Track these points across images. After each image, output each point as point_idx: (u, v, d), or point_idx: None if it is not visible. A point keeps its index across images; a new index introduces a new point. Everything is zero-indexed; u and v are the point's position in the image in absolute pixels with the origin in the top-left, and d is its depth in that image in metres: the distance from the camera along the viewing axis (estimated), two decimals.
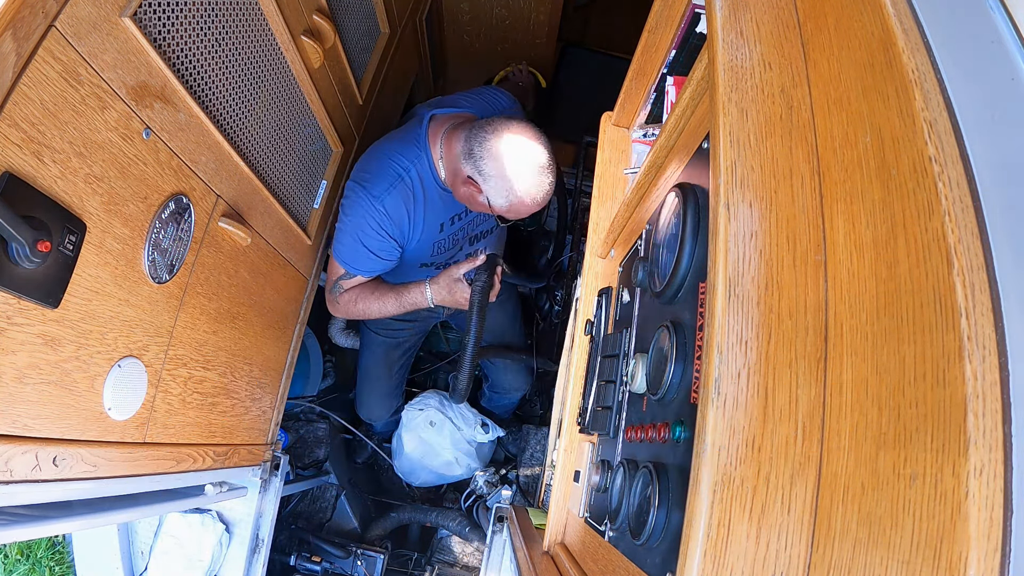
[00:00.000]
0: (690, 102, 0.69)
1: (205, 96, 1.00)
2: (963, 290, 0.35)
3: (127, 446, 0.95)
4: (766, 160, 0.53)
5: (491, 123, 1.33)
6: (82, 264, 0.79)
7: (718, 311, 0.47)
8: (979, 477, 0.32)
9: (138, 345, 0.95)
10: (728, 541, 0.43)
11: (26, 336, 0.72)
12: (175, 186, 0.96)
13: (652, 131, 1.19)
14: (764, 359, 0.46)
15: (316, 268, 1.65)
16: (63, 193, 0.74)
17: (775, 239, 0.50)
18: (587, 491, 0.91)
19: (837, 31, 0.54)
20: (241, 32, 1.07)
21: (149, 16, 0.84)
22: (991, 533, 0.31)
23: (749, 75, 0.57)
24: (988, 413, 0.32)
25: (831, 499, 0.43)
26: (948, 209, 0.37)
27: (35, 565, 2.21)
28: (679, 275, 0.66)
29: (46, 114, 0.69)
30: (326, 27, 1.33)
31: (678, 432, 0.59)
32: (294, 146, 1.38)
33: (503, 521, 1.51)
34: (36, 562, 2.21)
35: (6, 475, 0.72)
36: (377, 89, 1.82)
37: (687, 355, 0.62)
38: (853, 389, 0.43)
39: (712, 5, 0.62)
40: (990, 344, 0.34)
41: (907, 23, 0.45)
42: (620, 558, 0.71)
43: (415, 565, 2.08)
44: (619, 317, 0.95)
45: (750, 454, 0.44)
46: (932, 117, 0.40)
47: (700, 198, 0.66)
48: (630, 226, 0.98)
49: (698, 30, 0.88)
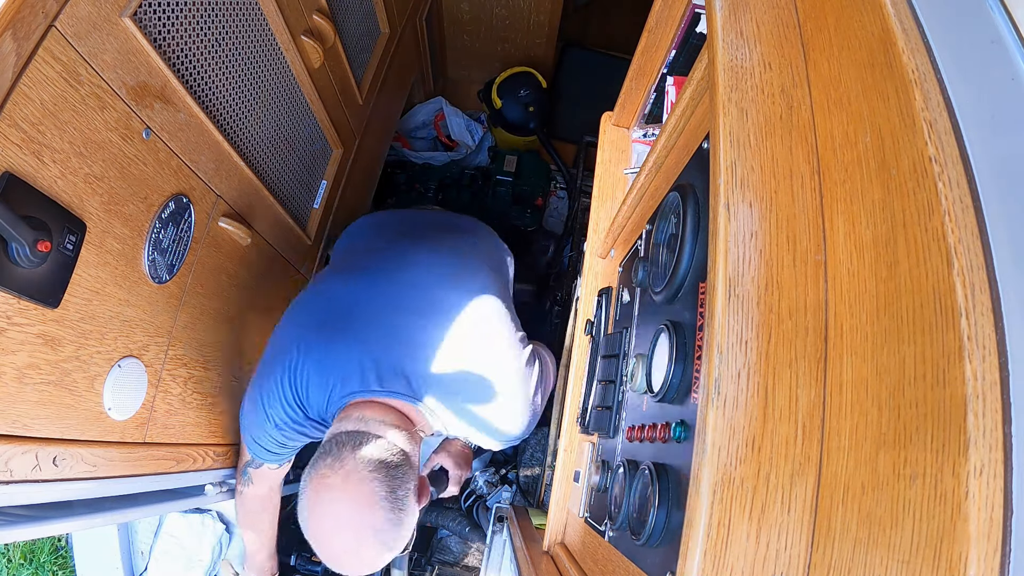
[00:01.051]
0: (690, 102, 0.69)
1: (205, 96, 1.00)
2: (963, 290, 0.35)
3: (127, 446, 0.95)
4: (766, 160, 0.53)
5: (311, 480, 0.96)
6: (82, 264, 0.79)
7: (718, 311, 0.47)
8: (979, 477, 0.32)
9: (138, 345, 0.95)
10: (728, 541, 0.43)
11: (26, 336, 0.72)
12: (175, 186, 0.96)
13: (652, 131, 1.19)
14: (764, 359, 0.46)
15: (316, 268, 1.65)
16: (63, 193, 0.74)
17: (775, 239, 0.50)
18: (587, 491, 0.91)
19: (837, 31, 0.54)
20: (241, 32, 1.07)
21: (149, 16, 0.84)
22: (991, 533, 0.31)
23: (749, 75, 0.57)
24: (988, 413, 0.32)
25: (831, 499, 0.43)
26: (948, 209, 0.37)
27: (38, 569, 2.20)
28: (679, 275, 0.66)
29: (46, 114, 0.69)
30: (326, 27, 1.33)
31: (678, 432, 0.59)
32: (294, 146, 1.38)
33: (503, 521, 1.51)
34: (40, 566, 2.20)
35: (6, 475, 0.72)
36: (377, 89, 1.82)
37: (687, 355, 0.62)
38: (853, 389, 0.43)
39: (712, 5, 0.62)
40: (990, 344, 0.34)
41: (907, 23, 0.45)
42: (620, 558, 0.71)
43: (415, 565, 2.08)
44: (619, 317, 0.95)
45: (750, 454, 0.44)
46: (932, 117, 0.40)
47: (700, 198, 0.66)
48: (630, 226, 0.98)
49: (698, 30, 0.88)
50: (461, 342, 1.12)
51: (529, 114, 2.48)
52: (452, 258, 1.27)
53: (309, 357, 1.10)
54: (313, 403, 1.11)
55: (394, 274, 1.21)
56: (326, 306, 1.18)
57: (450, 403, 1.10)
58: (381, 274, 1.21)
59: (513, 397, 1.14)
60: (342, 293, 1.19)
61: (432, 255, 1.26)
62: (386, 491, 0.93)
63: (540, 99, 2.49)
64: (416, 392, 1.08)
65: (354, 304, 1.16)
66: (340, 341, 1.10)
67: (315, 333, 1.13)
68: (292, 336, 1.14)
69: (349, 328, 1.12)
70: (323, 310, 1.18)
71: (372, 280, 1.20)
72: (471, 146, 2.48)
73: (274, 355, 1.14)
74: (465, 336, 1.13)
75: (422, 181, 2.32)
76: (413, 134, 2.54)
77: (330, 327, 1.13)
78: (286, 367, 1.11)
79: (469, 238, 1.43)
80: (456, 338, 1.12)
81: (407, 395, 1.07)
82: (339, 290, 1.21)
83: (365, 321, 1.13)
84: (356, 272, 1.24)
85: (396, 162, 2.45)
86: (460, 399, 1.11)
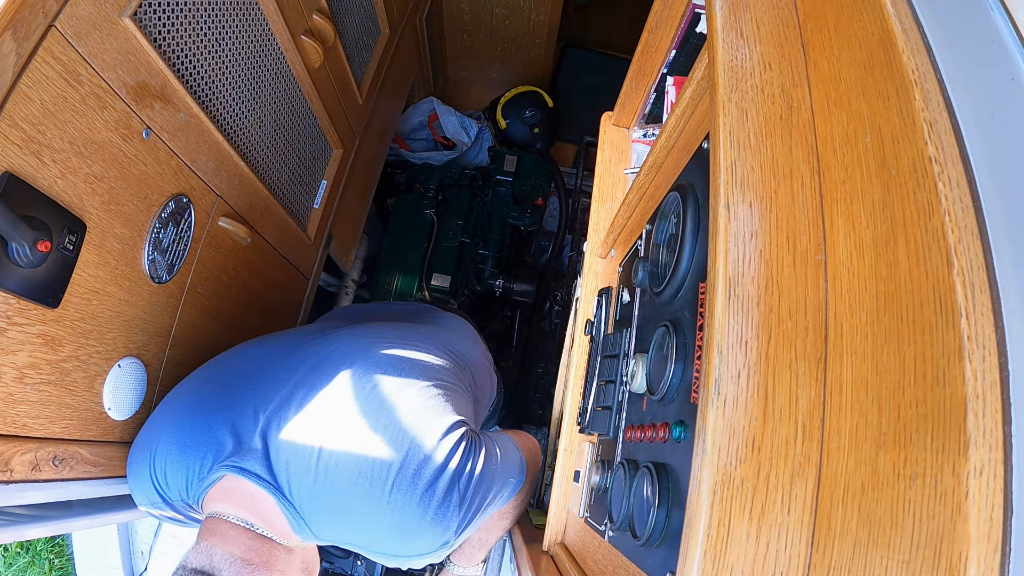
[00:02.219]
0: (690, 102, 0.68)
1: (205, 96, 1.00)
2: (963, 290, 0.35)
3: (127, 446, 0.95)
4: (766, 160, 0.53)
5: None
6: (82, 264, 0.79)
7: (718, 311, 0.47)
8: (979, 477, 0.32)
9: (138, 345, 0.95)
10: (728, 541, 0.43)
11: (26, 336, 0.72)
12: (175, 186, 0.96)
13: (652, 131, 1.19)
14: (764, 359, 0.46)
15: (316, 268, 1.65)
16: (63, 193, 0.74)
17: (775, 239, 0.50)
18: (587, 491, 0.91)
19: (837, 31, 0.54)
20: (241, 32, 1.07)
21: (149, 16, 0.84)
22: (991, 533, 0.31)
23: (749, 75, 0.57)
24: (988, 413, 0.32)
25: (831, 499, 0.43)
26: (948, 209, 0.37)
27: (35, 558, 2.22)
28: (679, 275, 0.66)
29: (46, 114, 0.69)
30: (326, 27, 1.33)
31: (678, 432, 0.59)
32: (294, 146, 1.38)
33: None
34: (36, 555, 2.22)
35: (6, 475, 0.72)
36: (377, 89, 1.82)
37: (687, 355, 0.62)
38: (853, 389, 0.43)
39: (712, 5, 0.62)
40: (990, 344, 0.34)
41: (907, 23, 0.45)
42: (620, 558, 0.71)
43: None
44: (619, 317, 0.95)
45: (750, 454, 0.44)
46: (932, 117, 0.40)
47: (700, 198, 0.66)
48: (630, 226, 0.98)
49: (698, 30, 0.88)
50: (337, 415, 0.88)
51: (535, 135, 2.47)
52: (383, 331, 1.06)
53: (170, 438, 0.90)
54: (173, 487, 0.91)
55: (296, 341, 1.02)
56: (206, 376, 0.99)
57: (316, 492, 0.84)
58: (282, 341, 1.03)
59: (396, 507, 0.83)
60: (229, 361, 1.01)
61: (356, 329, 1.05)
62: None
63: (546, 120, 2.47)
64: (274, 467, 0.85)
65: (229, 369, 0.99)
66: (201, 413, 0.91)
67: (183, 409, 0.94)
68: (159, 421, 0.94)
69: (220, 394, 0.93)
70: (199, 381, 0.98)
71: (266, 348, 1.02)
72: (467, 143, 2.47)
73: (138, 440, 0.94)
74: (346, 410, 0.88)
75: (422, 181, 2.32)
76: (410, 136, 2.54)
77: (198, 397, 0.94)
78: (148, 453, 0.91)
79: (434, 326, 1.24)
80: (333, 410, 0.89)
81: (264, 479, 0.84)
82: (228, 358, 1.02)
83: (238, 382, 0.95)
84: (258, 342, 1.06)
85: (396, 162, 2.45)
86: (327, 486, 0.84)
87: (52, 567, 2.21)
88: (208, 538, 0.83)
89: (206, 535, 0.84)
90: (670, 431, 0.61)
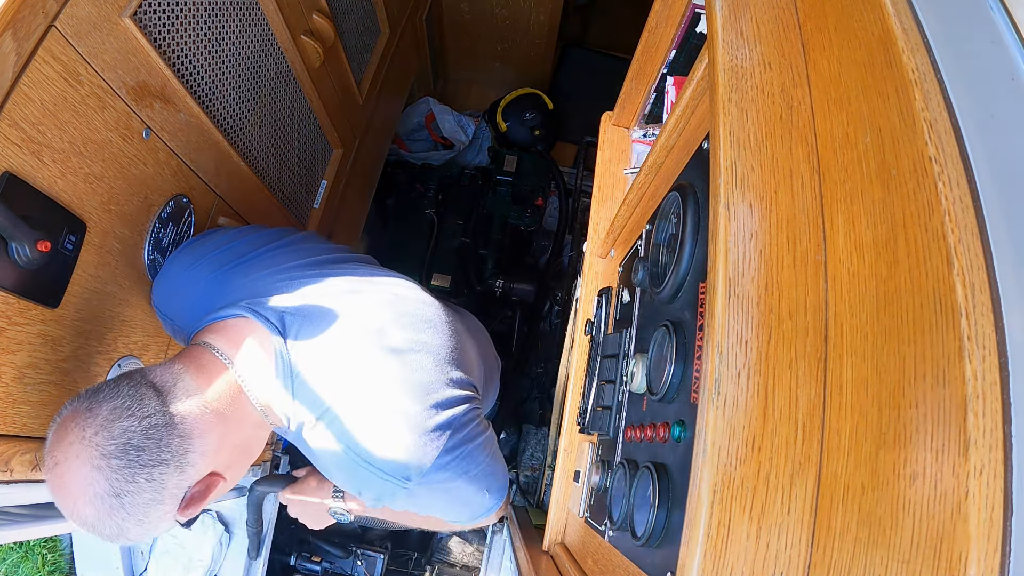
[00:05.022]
0: (690, 102, 0.69)
1: (205, 96, 1.00)
2: (963, 290, 0.35)
3: None
4: (766, 160, 0.53)
5: (69, 409, 0.69)
6: (82, 264, 0.79)
7: (718, 311, 0.47)
8: (979, 477, 0.32)
9: (138, 345, 0.95)
10: (728, 541, 0.43)
11: (26, 336, 0.72)
12: (175, 186, 0.96)
13: (652, 131, 1.19)
14: (764, 359, 0.46)
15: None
16: (63, 193, 0.74)
17: (775, 239, 0.50)
18: (587, 491, 0.91)
19: (837, 31, 0.54)
20: (241, 32, 1.07)
21: (149, 16, 0.84)
22: (991, 533, 0.31)
23: (749, 75, 0.57)
24: (988, 413, 0.32)
25: (831, 499, 0.43)
26: (948, 209, 0.37)
27: (28, 553, 2.22)
28: (679, 275, 0.66)
29: (46, 114, 0.69)
30: (326, 27, 1.33)
31: (678, 432, 0.59)
32: (294, 146, 1.38)
33: (503, 521, 1.51)
34: (29, 549, 2.22)
35: (6, 475, 0.72)
36: (377, 89, 1.82)
37: (687, 355, 0.62)
38: (853, 389, 0.43)
39: (712, 5, 0.62)
40: (990, 344, 0.34)
41: (907, 23, 0.45)
42: (620, 558, 0.71)
43: (415, 565, 2.08)
44: (619, 317, 0.95)
45: (750, 454, 0.44)
46: (932, 117, 0.40)
47: (700, 198, 0.66)
48: (630, 226, 0.98)
49: (698, 30, 0.88)
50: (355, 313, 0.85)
51: (535, 138, 2.47)
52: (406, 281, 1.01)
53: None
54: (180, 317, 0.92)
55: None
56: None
57: (318, 360, 0.80)
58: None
59: (390, 397, 0.80)
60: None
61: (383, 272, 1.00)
62: (106, 488, 0.66)
63: (546, 122, 2.47)
64: (284, 326, 0.81)
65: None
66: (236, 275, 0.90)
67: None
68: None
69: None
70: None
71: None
72: (464, 141, 2.47)
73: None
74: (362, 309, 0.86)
75: (422, 181, 2.32)
76: (409, 137, 2.54)
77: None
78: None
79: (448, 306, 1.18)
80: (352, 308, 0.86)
81: (274, 325, 0.81)
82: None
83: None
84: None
85: (396, 162, 2.45)
86: (332, 365, 0.81)
87: (45, 562, 2.21)
88: (184, 362, 0.77)
89: (184, 359, 0.78)
90: (670, 431, 0.61)
